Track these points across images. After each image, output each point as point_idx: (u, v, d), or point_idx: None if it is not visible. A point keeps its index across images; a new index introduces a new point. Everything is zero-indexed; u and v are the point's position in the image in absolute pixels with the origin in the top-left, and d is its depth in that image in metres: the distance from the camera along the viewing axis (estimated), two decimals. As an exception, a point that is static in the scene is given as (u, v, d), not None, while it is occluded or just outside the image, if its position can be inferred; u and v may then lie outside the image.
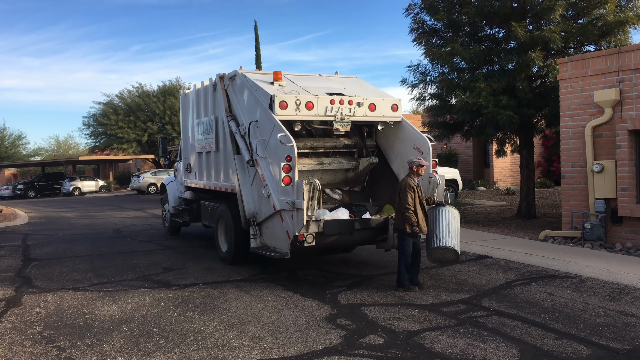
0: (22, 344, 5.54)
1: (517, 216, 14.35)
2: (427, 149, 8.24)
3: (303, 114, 8.11)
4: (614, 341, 5.25)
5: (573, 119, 10.55)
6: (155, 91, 42.93)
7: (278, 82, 8.53)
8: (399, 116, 8.83)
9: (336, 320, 6.05)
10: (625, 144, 9.43)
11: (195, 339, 5.57)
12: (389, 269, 8.80)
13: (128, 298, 7.24)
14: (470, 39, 13.67)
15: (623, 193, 9.50)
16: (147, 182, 35.35)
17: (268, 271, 8.79)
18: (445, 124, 14.42)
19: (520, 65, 12.22)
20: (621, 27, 12.11)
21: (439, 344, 5.24)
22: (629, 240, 9.66)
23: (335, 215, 7.73)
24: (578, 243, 10.17)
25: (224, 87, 9.41)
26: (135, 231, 14.72)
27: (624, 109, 9.67)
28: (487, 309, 6.41)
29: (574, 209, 10.51)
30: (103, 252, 11.11)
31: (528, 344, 5.23)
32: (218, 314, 6.41)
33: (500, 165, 25.05)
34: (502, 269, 8.56)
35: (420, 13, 14.11)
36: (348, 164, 9.04)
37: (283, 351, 5.15)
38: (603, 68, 10.00)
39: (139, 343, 5.47)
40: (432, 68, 14.04)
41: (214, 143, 9.81)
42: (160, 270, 9.08)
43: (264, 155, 7.99)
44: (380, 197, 9.14)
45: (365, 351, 5.12)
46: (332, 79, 9.77)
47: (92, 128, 44.03)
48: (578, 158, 10.46)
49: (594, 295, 6.86)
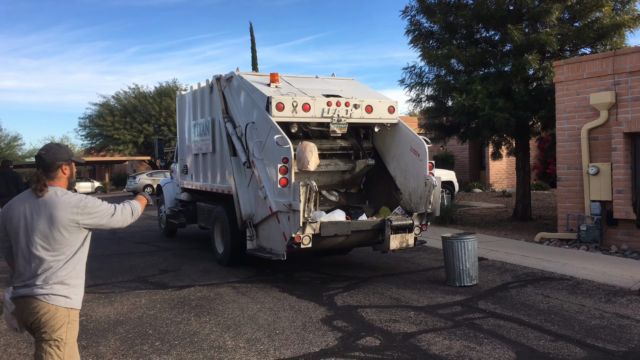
0: (17, 345, 5.51)
1: (513, 218, 14.38)
2: (423, 151, 8.24)
3: (300, 116, 8.11)
4: (609, 343, 5.26)
5: (569, 122, 10.58)
6: (152, 92, 42.87)
7: (275, 83, 8.52)
8: (396, 118, 8.84)
9: (332, 322, 6.05)
10: (620, 147, 9.47)
11: (191, 340, 5.55)
12: (386, 270, 8.80)
13: (124, 300, 7.21)
14: (466, 41, 13.70)
15: (618, 195, 9.53)
16: (143, 184, 35.25)
17: (264, 273, 8.78)
18: (441, 126, 14.45)
19: (517, 67, 12.26)
20: (617, 30, 12.16)
21: (435, 346, 5.24)
22: (625, 242, 9.69)
23: (332, 217, 7.72)
24: (574, 245, 10.20)
25: (221, 88, 9.40)
26: (131, 232, 14.67)
27: (619, 111, 9.70)
28: (483, 310, 6.42)
29: (569, 211, 10.54)
30: (99, 254, 11.07)
31: (524, 345, 5.23)
32: (214, 315, 6.39)
33: (496, 168, 25.10)
34: (498, 270, 8.57)
35: (417, 15, 14.16)
36: (345, 165, 9.04)
37: (279, 353, 5.14)
38: (599, 71, 10.04)
39: (134, 345, 5.45)
40: (428, 70, 14.09)
41: (211, 144, 9.80)
42: (157, 272, 9.06)
43: (260, 157, 7.98)
44: (377, 199, 9.14)
45: (362, 353, 5.12)
46: (328, 81, 9.78)
47: (88, 129, 43.93)
48: (574, 160, 10.49)
49: (590, 297, 6.88)
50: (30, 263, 3.22)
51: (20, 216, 3.27)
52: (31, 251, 3.22)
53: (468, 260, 7.53)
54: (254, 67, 30.41)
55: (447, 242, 7.68)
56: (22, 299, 3.24)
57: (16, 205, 3.33)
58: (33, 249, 3.21)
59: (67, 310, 3.27)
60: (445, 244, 7.73)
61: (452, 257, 7.58)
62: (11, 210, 3.33)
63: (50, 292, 3.21)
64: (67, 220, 3.22)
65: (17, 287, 3.28)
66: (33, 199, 3.28)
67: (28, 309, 3.22)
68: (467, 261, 7.53)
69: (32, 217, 3.23)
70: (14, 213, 3.31)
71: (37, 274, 3.21)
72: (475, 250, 7.67)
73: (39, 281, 3.20)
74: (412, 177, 8.46)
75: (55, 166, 3.33)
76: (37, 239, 3.21)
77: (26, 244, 3.24)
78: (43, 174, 3.30)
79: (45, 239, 3.21)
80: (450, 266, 7.60)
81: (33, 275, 3.22)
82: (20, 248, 3.26)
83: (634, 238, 9.57)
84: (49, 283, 3.21)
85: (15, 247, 3.31)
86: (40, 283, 3.20)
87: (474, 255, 7.62)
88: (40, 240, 3.21)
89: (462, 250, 7.53)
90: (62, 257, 3.24)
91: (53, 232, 3.21)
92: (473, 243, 7.64)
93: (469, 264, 7.54)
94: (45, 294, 3.20)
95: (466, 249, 7.54)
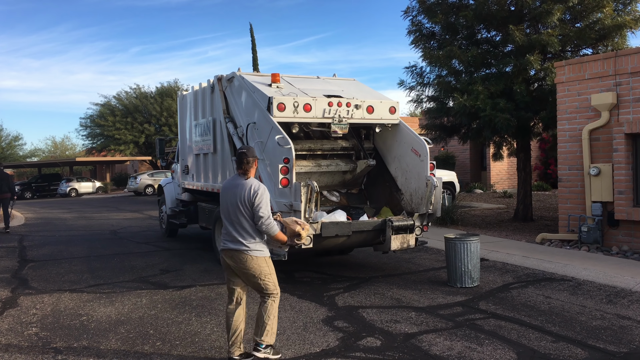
0: (19, 345, 5.52)
1: (514, 219, 14.37)
2: (424, 152, 8.24)
3: (301, 116, 8.11)
4: (610, 344, 5.25)
5: (570, 122, 10.58)
6: (153, 92, 42.89)
7: (276, 84, 8.52)
8: (397, 119, 8.84)
9: (333, 323, 6.05)
10: (622, 147, 9.46)
11: (192, 340, 5.55)
12: (386, 271, 8.80)
13: (125, 299, 7.22)
14: (467, 41, 13.69)
15: (620, 196, 9.53)
16: (144, 184, 35.29)
17: (265, 273, 8.76)
18: (442, 126, 14.44)
19: (518, 68, 12.25)
20: (618, 31, 12.15)
21: (436, 347, 5.24)
22: (626, 243, 9.68)
23: (333, 217, 7.72)
24: (575, 246, 10.19)
25: (222, 88, 9.40)
26: (132, 232, 14.69)
27: (620, 112, 9.70)
28: (484, 311, 6.42)
29: (570, 212, 10.53)
30: (100, 254, 11.08)
31: (525, 346, 5.23)
32: (215, 315, 6.40)
33: (497, 168, 25.08)
34: (499, 271, 8.56)
35: (418, 16, 14.15)
36: (346, 166, 9.04)
37: (280, 353, 5.14)
38: (600, 71, 10.03)
39: (135, 345, 5.45)
40: (429, 70, 14.09)
41: (212, 145, 9.81)
42: (157, 272, 9.06)
43: (261, 157, 7.98)
44: (378, 199, 9.14)
45: (363, 354, 5.12)
46: (330, 81, 9.77)
47: (89, 129, 43.97)
48: (575, 161, 10.49)
49: (591, 298, 6.87)
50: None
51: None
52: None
53: (470, 262, 7.53)
54: (255, 68, 30.43)
55: (450, 243, 7.68)
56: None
57: (226, 184, 5.10)
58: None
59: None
60: (448, 245, 7.73)
61: (455, 258, 7.57)
62: (223, 188, 5.08)
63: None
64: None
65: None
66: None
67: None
68: (469, 263, 7.52)
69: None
70: (223, 190, 5.07)
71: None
72: (478, 252, 7.67)
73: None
74: (413, 177, 8.46)
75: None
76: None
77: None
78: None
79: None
80: (452, 267, 7.59)
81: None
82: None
83: (635, 239, 9.56)
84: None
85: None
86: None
87: (477, 257, 7.62)
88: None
89: (464, 251, 7.52)
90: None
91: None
92: (476, 245, 7.64)
93: (471, 265, 7.54)
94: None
95: (469, 251, 7.54)
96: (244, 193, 4.79)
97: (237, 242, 4.82)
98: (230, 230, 4.88)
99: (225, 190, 4.99)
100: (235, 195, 4.83)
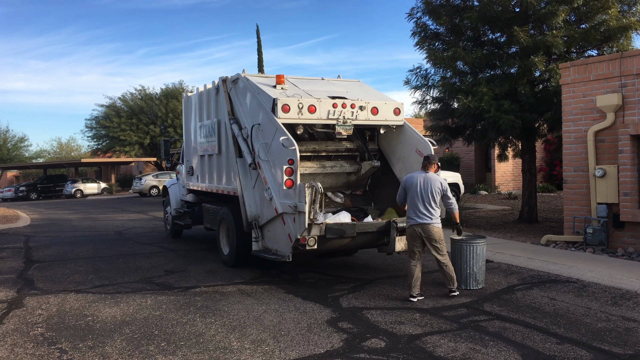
0: (24, 345, 5.55)
1: (518, 220, 14.34)
2: (429, 153, 8.23)
3: (305, 118, 8.12)
4: (616, 346, 5.24)
5: (575, 124, 10.55)
6: (158, 94, 43.01)
7: (281, 85, 8.54)
8: (401, 120, 8.84)
9: (338, 324, 6.05)
10: (627, 149, 9.43)
11: (197, 341, 5.57)
12: (391, 272, 8.80)
13: (130, 300, 7.24)
14: (472, 43, 13.68)
15: (625, 198, 9.50)
16: (149, 185, 35.38)
17: (269, 274, 8.79)
18: (447, 127, 14.43)
19: (523, 69, 12.23)
20: (624, 33, 12.12)
21: (440, 348, 5.23)
22: (631, 245, 9.65)
23: (337, 218, 7.73)
24: (580, 248, 10.16)
25: (227, 90, 9.43)
26: (137, 233, 14.73)
27: (626, 113, 9.67)
28: (488, 313, 6.41)
29: (575, 213, 10.50)
30: (105, 254, 11.12)
31: (530, 348, 5.22)
32: (220, 316, 6.41)
33: (502, 170, 25.04)
34: (503, 273, 8.55)
35: (423, 17, 14.14)
36: (350, 167, 9.04)
37: (285, 354, 5.15)
38: (605, 73, 10.01)
39: (140, 345, 5.47)
40: (434, 72, 14.07)
41: (217, 146, 9.83)
42: (162, 273, 9.09)
43: (266, 159, 8.00)
44: (382, 200, 9.14)
45: (367, 355, 5.12)
46: (334, 83, 9.78)
47: (94, 130, 44.12)
48: (580, 163, 10.46)
49: (596, 300, 6.85)
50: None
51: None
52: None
53: (476, 264, 7.52)
54: (260, 69, 30.49)
55: (456, 245, 7.67)
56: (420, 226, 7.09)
57: (415, 176, 7.18)
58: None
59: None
60: (454, 246, 7.72)
61: (460, 260, 7.56)
62: (412, 178, 7.18)
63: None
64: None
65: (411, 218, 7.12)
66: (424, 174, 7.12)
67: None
68: (474, 265, 7.51)
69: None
70: (413, 180, 7.13)
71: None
72: (484, 254, 7.65)
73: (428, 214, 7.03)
74: (418, 179, 8.44)
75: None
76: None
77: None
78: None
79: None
80: (458, 269, 7.57)
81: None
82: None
83: (641, 241, 9.52)
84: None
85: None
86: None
87: (482, 259, 7.60)
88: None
89: (470, 253, 7.51)
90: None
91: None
92: (482, 247, 7.62)
93: (476, 267, 7.52)
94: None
95: (475, 253, 7.52)
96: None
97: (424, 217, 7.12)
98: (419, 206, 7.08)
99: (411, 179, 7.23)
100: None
